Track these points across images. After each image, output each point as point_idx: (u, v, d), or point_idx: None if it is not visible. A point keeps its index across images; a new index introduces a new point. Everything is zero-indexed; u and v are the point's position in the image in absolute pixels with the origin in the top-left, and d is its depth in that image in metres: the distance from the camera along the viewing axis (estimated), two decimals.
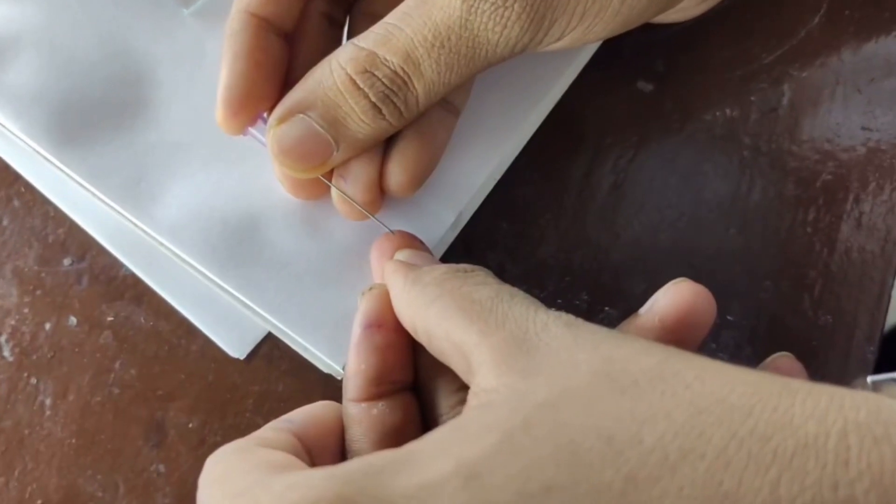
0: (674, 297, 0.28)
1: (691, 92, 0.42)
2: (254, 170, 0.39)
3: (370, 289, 0.31)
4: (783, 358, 0.28)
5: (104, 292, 0.39)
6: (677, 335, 0.27)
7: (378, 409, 0.29)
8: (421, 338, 0.29)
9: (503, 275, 0.40)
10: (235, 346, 0.38)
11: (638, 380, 0.21)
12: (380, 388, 0.30)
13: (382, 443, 0.29)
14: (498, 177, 0.40)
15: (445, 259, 0.39)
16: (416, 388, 0.31)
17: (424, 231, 0.37)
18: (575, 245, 0.40)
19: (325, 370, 0.37)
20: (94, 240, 0.39)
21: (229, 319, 0.38)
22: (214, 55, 0.40)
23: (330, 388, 0.37)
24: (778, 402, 0.20)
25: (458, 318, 0.26)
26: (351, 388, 0.30)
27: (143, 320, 0.38)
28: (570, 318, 0.25)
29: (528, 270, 0.40)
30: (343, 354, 0.36)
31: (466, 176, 0.39)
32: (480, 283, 0.27)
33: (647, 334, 0.28)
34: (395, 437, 0.29)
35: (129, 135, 0.39)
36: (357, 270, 0.38)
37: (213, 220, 0.38)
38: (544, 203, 0.41)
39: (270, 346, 0.38)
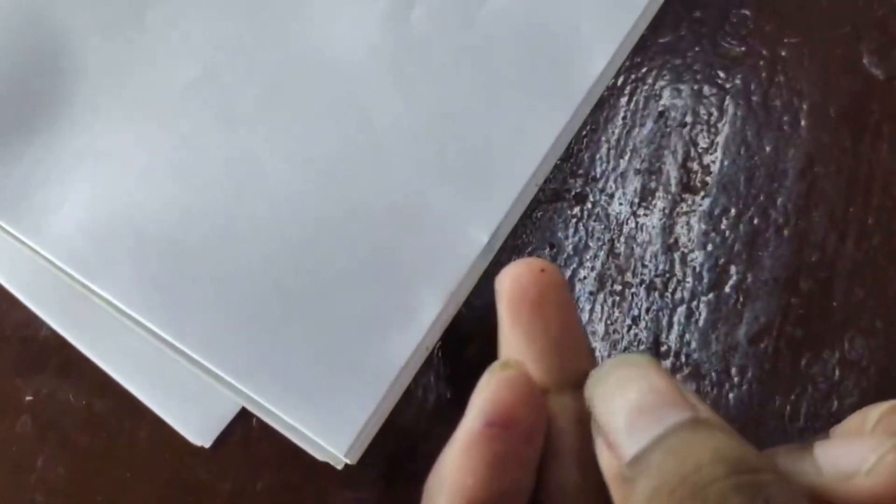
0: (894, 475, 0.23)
1: None
2: (220, 186, 0.34)
3: (501, 366, 0.25)
4: None
5: (19, 361, 0.34)
6: None
7: None
8: None
9: None
10: (198, 431, 0.33)
11: None
12: None
13: None
14: (539, 184, 0.36)
15: (476, 293, 0.34)
16: None
17: (450, 255, 0.33)
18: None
19: (322, 458, 0.32)
20: (3, 289, 0.35)
21: (189, 394, 0.33)
22: (159, 26, 0.35)
23: (328, 482, 0.32)
24: None
25: None
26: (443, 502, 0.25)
27: (72, 398, 0.34)
28: None
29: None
30: (347, 435, 0.31)
31: (501, 183, 0.34)
32: None
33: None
34: None
35: (46, 144, 0.34)
36: (366, 310, 0.33)
37: (161, 254, 0.33)
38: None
39: (245, 429, 0.33)
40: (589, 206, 0.35)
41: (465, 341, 0.34)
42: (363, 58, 0.35)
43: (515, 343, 0.27)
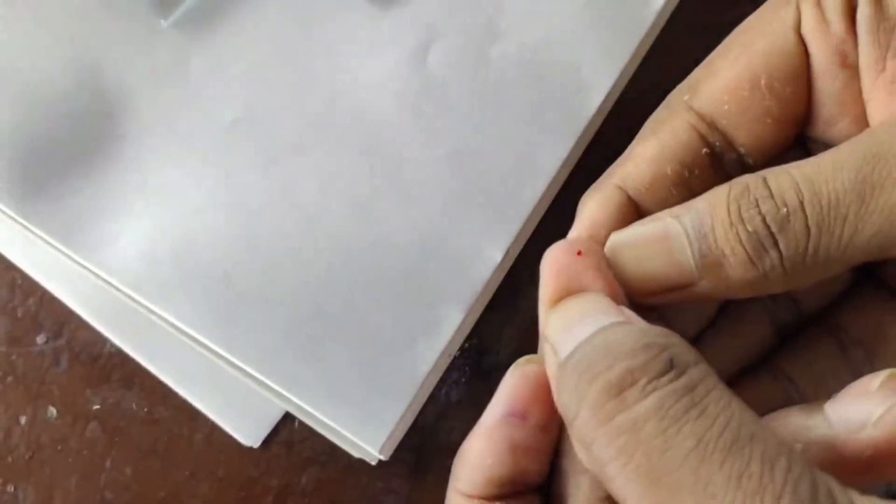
0: None
1: None
2: (263, 216, 0.36)
3: (525, 361, 0.27)
4: None
5: (87, 375, 0.37)
6: (880, 474, 0.23)
7: None
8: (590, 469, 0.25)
9: None
10: (248, 433, 0.36)
11: None
12: (501, 489, 0.26)
13: None
14: (547, 205, 0.38)
15: (492, 305, 0.37)
16: (547, 489, 0.28)
17: (468, 272, 0.36)
18: None
19: (357, 455, 0.34)
20: (71, 311, 0.37)
21: (239, 400, 0.36)
22: (204, 71, 0.38)
23: (364, 475, 0.35)
24: None
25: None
26: (464, 480, 0.26)
27: (135, 406, 0.36)
28: None
29: None
30: (380, 434, 0.34)
31: (512, 206, 0.37)
32: (703, 435, 0.21)
33: (841, 465, 0.23)
34: None
35: (104, 180, 0.37)
36: (395, 323, 0.35)
37: (213, 278, 0.36)
38: None
39: (290, 430, 0.36)
40: None
41: (483, 350, 0.37)
42: (387, 99, 0.38)
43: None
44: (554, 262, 0.26)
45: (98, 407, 0.36)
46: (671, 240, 0.26)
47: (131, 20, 0.38)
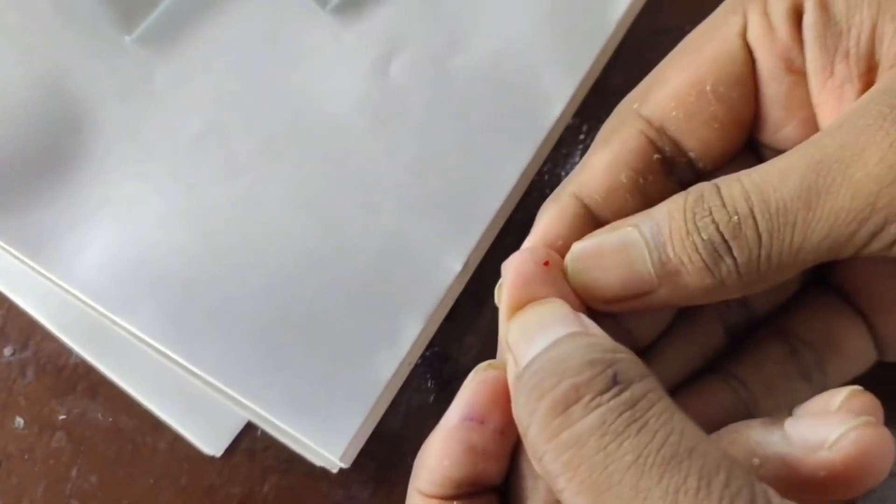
0: (855, 449, 0.23)
1: None
2: (226, 227, 0.37)
3: (486, 367, 0.27)
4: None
5: (53, 385, 0.37)
6: (834, 494, 0.23)
7: None
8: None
9: None
10: (210, 441, 0.36)
11: None
12: (459, 489, 0.26)
13: None
14: (507, 214, 0.38)
15: (453, 313, 0.37)
16: (505, 488, 0.28)
17: (428, 282, 0.36)
18: None
19: (319, 463, 0.35)
20: (37, 323, 0.37)
21: (201, 409, 0.36)
22: (168, 85, 0.38)
23: (325, 483, 0.35)
24: None
25: None
26: (423, 480, 0.27)
27: (100, 416, 0.36)
28: None
29: None
30: (341, 442, 0.34)
31: (473, 215, 0.37)
32: (643, 450, 0.21)
33: (795, 483, 0.23)
34: None
35: (70, 194, 0.37)
36: (355, 332, 0.36)
37: (176, 289, 0.36)
38: None
39: (251, 439, 0.36)
40: None
41: (444, 358, 0.37)
42: (350, 110, 0.38)
43: None
44: (516, 271, 0.27)
45: (64, 417, 0.36)
46: (630, 249, 0.26)
47: (95, 36, 0.38)
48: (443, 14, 0.39)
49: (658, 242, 0.26)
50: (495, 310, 0.28)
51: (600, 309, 0.27)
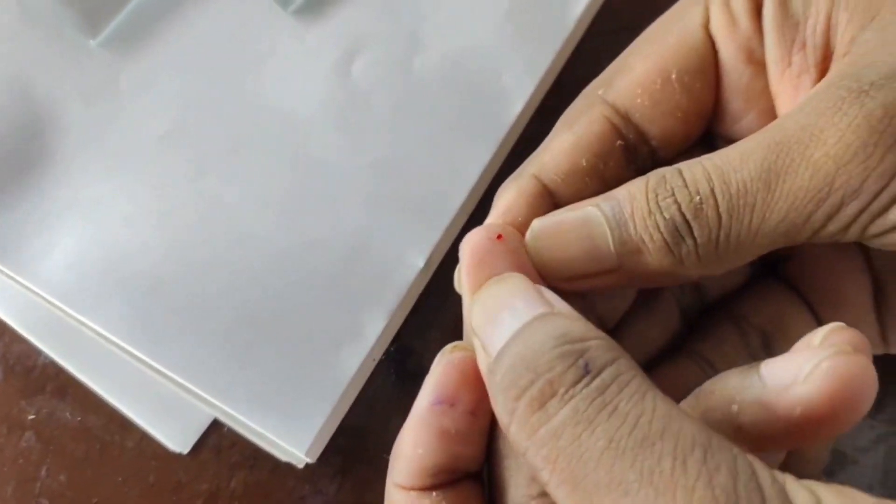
0: (829, 379, 0.22)
1: None
2: (192, 226, 0.37)
3: (451, 349, 0.27)
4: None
5: (22, 386, 0.37)
6: (815, 433, 0.23)
7: (431, 499, 0.26)
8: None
9: None
10: (177, 439, 0.36)
11: None
12: (436, 478, 0.26)
13: None
14: (470, 211, 0.39)
15: (417, 309, 0.37)
16: (483, 473, 0.28)
17: (391, 278, 0.36)
18: None
19: (285, 458, 0.35)
20: (6, 324, 0.37)
21: (168, 407, 0.36)
22: (133, 88, 0.39)
23: (291, 478, 0.36)
24: None
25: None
26: (400, 472, 0.26)
27: (69, 416, 0.36)
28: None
29: None
30: (306, 437, 0.34)
31: (435, 212, 0.38)
32: (614, 434, 0.21)
33: (774, 424, 0.23)
34: None
35: (37, 196, 0.38)
36: (320, 328, 0.36)
37: (142, 289, 0.36)
38: None
39: (218, 436, 0.36)
40: None
41: (408, 353, 0.37)
42: (313, 109, 0.39)
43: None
44: (473, 247, 0.27)
45: (33, 417, 0.36)
46: (592, 226, 0.26)
47: (60, 41, 0.39)
48: (403, 15, 0.40)
49: (620, 221, 0.26)
50: (458, 305, 0.28)
51: (562, 287, 0.27)
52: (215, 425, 0.36)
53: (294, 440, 0.34)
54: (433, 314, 0.37)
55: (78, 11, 0.39)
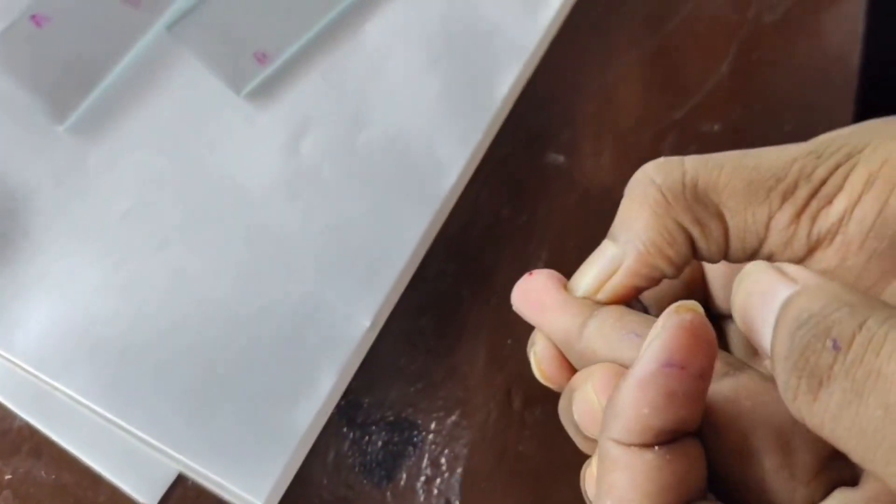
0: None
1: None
2: (155, 295, 0.40)
3: (678, 308, 0.25)
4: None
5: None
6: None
7: (654, 454, 0.25)
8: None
9: (427, 375, 0.40)
10: (145, 492, 0.38)
11: None
12: (659, 437, 0.26)
13: (659, 496, 0.25)
14: (411, 273, 0.42)
15: (364, 365, 0.40)
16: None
17: (341, 337, 0.39)
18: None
19: None
20: None
21: (136, 462, 0.38)
22: (99, 169, 0.41)
23: None
24: None
25: None
26: (621, 430, 0.25)
27: (44, 474, 0.38)
28: None
29: (451, 368, 0.40)
30: (265, 487, 0.37)
31: (378, 277, 0.40)
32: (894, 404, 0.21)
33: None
34: (676, 489, 0.25)
35: (9, 272, 0.40)
36: (276, 385, 0.38)
37: (110, 354, 0.39)
38: (468, 295, 0.40)
39: (184, 488, 0.38)
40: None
41: (358, 405, 0.40)
42: (266, 184, 0.42)
43: None
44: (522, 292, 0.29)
45: (10, 477, 0.38)
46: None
47: (30, 127, 0.42)
48: (347, 96, 0.43)
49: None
50: (403, 359, 0.30)
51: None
52: (180, 478, 0.38)
53: (253, 490, 0.36)
54: (380, 370, 0.40)
55: (46, 99, 0.41)
